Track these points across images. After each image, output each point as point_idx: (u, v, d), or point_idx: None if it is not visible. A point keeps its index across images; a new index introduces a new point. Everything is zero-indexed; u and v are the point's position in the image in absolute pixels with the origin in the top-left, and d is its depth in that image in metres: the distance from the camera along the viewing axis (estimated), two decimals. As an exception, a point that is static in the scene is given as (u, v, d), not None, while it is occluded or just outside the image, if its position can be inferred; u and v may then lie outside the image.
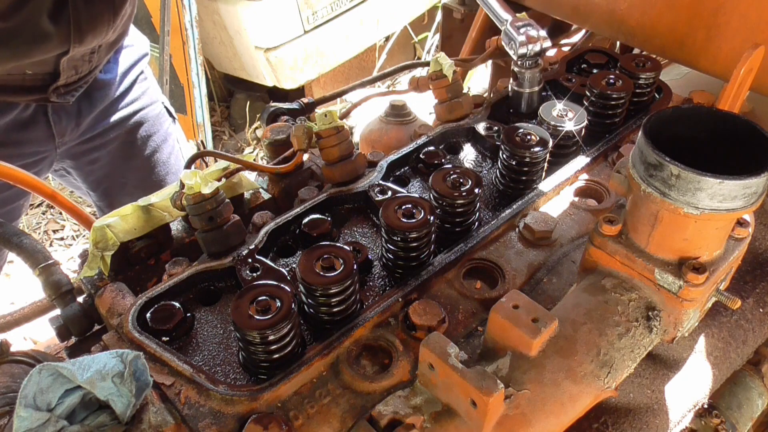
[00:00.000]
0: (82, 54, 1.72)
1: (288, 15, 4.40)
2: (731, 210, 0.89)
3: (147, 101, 2.11)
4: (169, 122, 2.21)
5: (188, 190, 1.13)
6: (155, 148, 2.15)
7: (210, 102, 4.84)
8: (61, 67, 1.68)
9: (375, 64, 5.36)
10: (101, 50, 1.80)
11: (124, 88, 2.03)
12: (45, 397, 0.85)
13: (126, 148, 2.08)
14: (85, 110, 1.92)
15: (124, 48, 2.00)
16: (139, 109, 2.08)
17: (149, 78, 2.14)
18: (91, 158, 2.06)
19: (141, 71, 2.09)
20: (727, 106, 1.45)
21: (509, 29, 1.47)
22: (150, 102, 2.12)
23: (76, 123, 1.92)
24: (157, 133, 2.14)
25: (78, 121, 1.92)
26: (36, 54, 1.60)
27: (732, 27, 1.48)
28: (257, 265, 1.13)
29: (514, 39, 1.46)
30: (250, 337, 0.94)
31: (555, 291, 1.16)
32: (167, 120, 2.19)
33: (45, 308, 1.27)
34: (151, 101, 2.13)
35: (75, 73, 1.75)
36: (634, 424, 1.14)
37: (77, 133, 1.96)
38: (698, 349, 1.25)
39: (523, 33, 1.45)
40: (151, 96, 2.13)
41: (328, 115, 1.27)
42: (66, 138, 1.93)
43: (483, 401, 0.85)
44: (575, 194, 1.35)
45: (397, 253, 1.12)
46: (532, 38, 1.45)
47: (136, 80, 2.07)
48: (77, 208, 1.41)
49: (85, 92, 1.88)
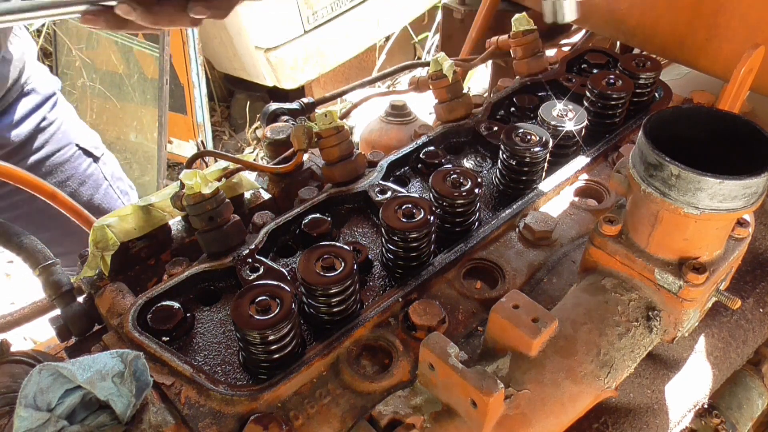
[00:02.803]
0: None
1: (288, 15, 4.40)
2: (731, 210, 0.89)
3: (53, 148, 1.97)
4: (88, 162, 2.06)
5: (188, 190, 1.13)
6: (72, 193, 1.99)
7: (210, 102, 4.84)
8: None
9: (375, 64, 5.36)
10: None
11: (21, 139, 1.88)
12: (45, 397, 0.85)
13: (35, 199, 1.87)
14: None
15: (22, 97, 1.87)
16: (44, 158, 1.94)
17: (57, 120, 1.99)
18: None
19: (43, 117, 1.94)
20: (727, 106, 1.45)
21: None
22: (58, 147, 1.98)
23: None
24: (71, 178, 2.01)
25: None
26: None
27: (732, 27, 1.48)
28: (257, 265, 1.13)
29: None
30: (250, 337, 0.94)
31: (555, 291, 1.16)
32: (84, 161, 2.06)
33: (45, 308, 1.27)
34: (60, 146, 1.99)
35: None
36: (634, 424, 1.14)
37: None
38: (698, 349, 1.25)
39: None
40: (60, 141, 1.99)
41: (328, 115, 1.27)
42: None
43: (483, 401, 0.85)
44: (575, 194, 1.35)
45: (397, 253, 1.12)
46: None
47: (37, 128, 1.92)
48: (77, 208, 1.41)
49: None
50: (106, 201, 2.13)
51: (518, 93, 1.56)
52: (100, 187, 2.11)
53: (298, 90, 4.81)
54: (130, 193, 2.27)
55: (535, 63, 1.60)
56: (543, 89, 1.58)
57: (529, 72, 1.60)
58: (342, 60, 4.91)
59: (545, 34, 2.06)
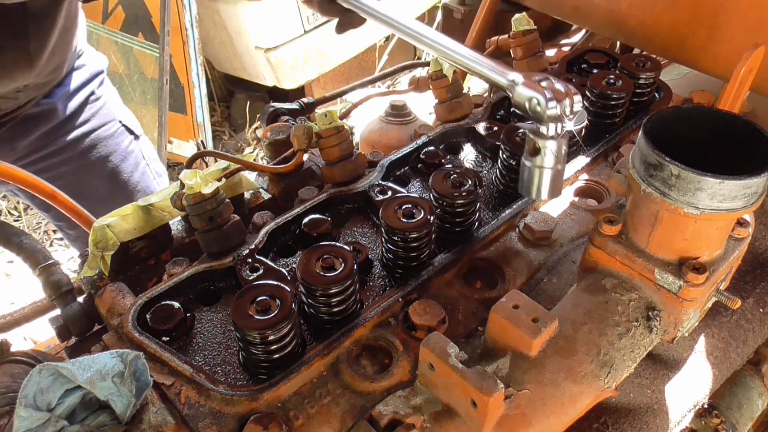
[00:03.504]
0: (3, 93, 1.66)
1: (288, 15, 4.40)
2: (731, 210, 0.89)
3: (99, 121, 2.04)
4: (130, 140, 2.13)
5: (188, 190, 1.13)
6: (114, 168, 2.08)
7: (210, 102, 4.84)
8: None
9: (375, 64, 5.36)
10: (29, 89, 1.73)
11: (71, 111, 1.96)
12: (45, 397, 0.85)
13: (80, 171, 2.01)
14: (21, 135, 1.85)
15: (74, 70, 1.94)
16: (90, 131, 2.01)
17: (104, 96, 2.07)
18: None
19: (92, 92, 2.02)
20: (727, 106, 1.45)
21: (524, 88, 1.03)
22: (103, 122, 2.05)
23: (10, 148, 1.86)
24: (114, 153, 2.07)
25: (12, 145, 1.86)
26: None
27: (732, 27, 1.48)
28: (257, 265, 1.13)
29: (539, 97, 1.01)
30: (250, 337, 0.94)
31: (555, 291, 1.16)
32: (126, 138, 2.12)
33: (45, 308, 1.27)
34: (105, 121, 2.05)
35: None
36: (634, 424, 1.14)
37: (12, 158, 1.89)
38: (698, 349, 1.25)
39: (548, 88, 1.02)
40: (105, 116, 2.06)
41: (328, 115, 1.27)
42: None
43: (483, 401, 0.85)
44: (575, 194, 1.35)
45: (397, 253, 1.12)
46: (559, 92, 1.02)
47: (86, 101, 2.00)
48: (77, 208, 1.41)
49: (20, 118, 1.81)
50: (144, 180, 2.17)
51: (518, 93, 1.56)
52: (138, 165, 2.16)
53: (298, 90, 4.81)
54: (164, 176, 2.31)
55: (535, 63, 1.60)
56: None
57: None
58: (342, 60, 4.92)
59: (545, 34, 2.06)
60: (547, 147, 1.03)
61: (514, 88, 1.05)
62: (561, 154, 1.05)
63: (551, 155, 1.05)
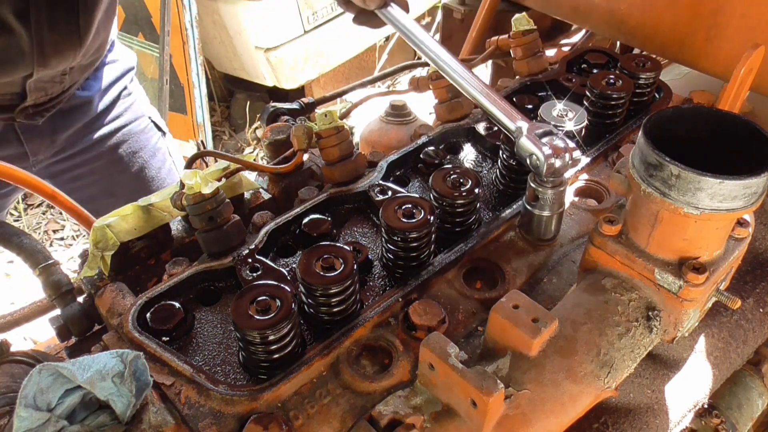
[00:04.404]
0: (51, 76, 1.67)
1: (288, 15, 4.40)
2: (731, 210, 0.89)
3: (131, 117, 2.06)
4: (158, 136, 2.16)
5: (188, 190, 1.13)
6: (143, 164, 2.10)
7: (210, 102, 4.85)
8: (28, 89, 1.64)
9: (375, 64, 5.36)
10: (74, 72, 1.75)
11: (105, 105, 1.98)
12: (45, 397, 0.85)
13: (111, 166, 2.04)
14: (61, 128, 1.88)
15: (106, 64, 1.95)
16: (122, 126, 2.03)
17: (134, 92, 2.10)
18: (71, 176, 2.02)
19: (124, 87, 2.04)
20: (727, 106, 1.45)
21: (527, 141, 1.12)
22: (134, 117, 2.07)
23: (51, 140, 1.88)
24: (144, 149, 2.10)
25: (53, 138, 1.88)
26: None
27: (732, 27, 1.48)
28: (257, 265, 1.13)
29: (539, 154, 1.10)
30: (250, 337, 0.94)
31: (555, 291, 1.16)
32: (155, 134, 2.15)
33: (45, 308, 1.27)
34: (136, 117, 2.08)
35: (44, 94, 1.71)
36: (634, 424, 1.14)
37: (52, 151, 1.92)
38: (698, 349, 1.25)
39: (548, 143, 1.11)
40: (136, 111, 2.08)
41: (328, 115, 1.27)
42: (41, 156, 1.89)
43: (483, 401, 0.85)
44: (575, 194, 1.35)
45: (397, 253, 1.12)
46: (558, 149, 1.10)
47: (119, 96, 2.02)
48: (77, 208, 1.41)
49: (61, 110, 1.84)
50: (170, 177, 2.18)
51: (518, 93, 1.56)
52: (165, 161, 2.18)
53: (298, 90, 4.81)
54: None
55: (535, 63, 1.60)
56: (543, 89, 1.58)
57: (529, 72, 1.60)
58: (342, 60, 4.92)
59: (545, 34, 2.06)
60: (546, 195, 1.13)
61: (518, 137, 1.14)
62: (561, 199, 1.16)
63: (550, 203, 1.14)
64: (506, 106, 1.21)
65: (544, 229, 1.19)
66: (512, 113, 1.19)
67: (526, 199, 1.17)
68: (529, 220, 1.19)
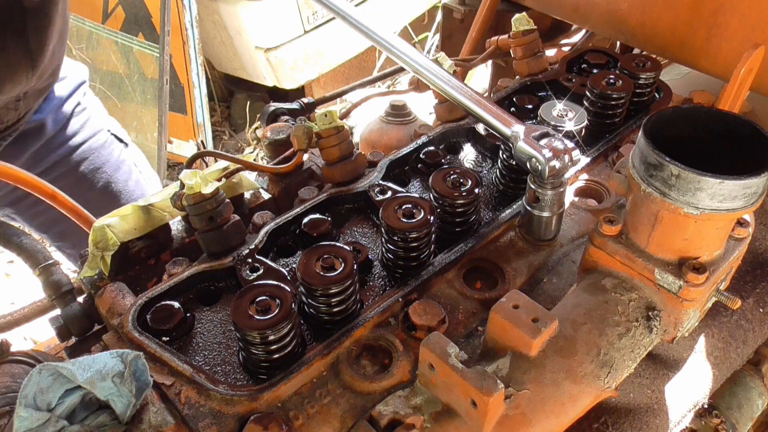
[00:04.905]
0: (5, 102, 1.62)
1: (288, 15, 4.40)
2: (731, 210, 0.89)
3: (89, 133, 1.99)
4: (120, 149, 2.09)
5: (188, 190, 1.13)
6: (108, 179, 2.04)
7: (210, 102, 4.85)
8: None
9: (375, 64, 5.37)
10: (28, 97, 1.69)
11: (59, 125, 1.91)
12: (45, 397, 0.85)
13: (74, 186, 1.93)
14: (16, 154, 1.81)
15: (56, 82, 1.88)
16: (80, 143, 1.97)
17: (89, 107, 2.02)
18: (32, 201, 1.87)
19: (77, 103, 1.97)
20: (727, 106, 1.45)
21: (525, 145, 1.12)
22: (93, 133, 2.01)
23: None
24: (106, 164, 2.03)
25: None
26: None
27: (732, 27, 1.48)
28: (257, 265, 1.13)
29: (538, 157, 1.10)
30: (250, 337, 0.94)
31: (555, 291, 1.16)
32: (117, 147, 2.08)
33: (45, 308, 1.27)
34: (94, 132, 2.01)
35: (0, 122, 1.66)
36: (634, 424, 1.14)
37: None
38: (698, 349, 1.25)
39: (546, 146, 1.11)
40: (93, 126, 2.01)
41: (328, 115, 1.27)
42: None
43: (483, 401, 0.85)
44: (575, 194, 1.35)
45: (397, 253, 1.12)
46: (558, 150, 1.10)
47: (72, 114, 1.95)
48: (77, 208, 1.41)
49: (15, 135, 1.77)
50: (139, 189, 2.13)
51: (518, 93, 1.57)
52: (131, 173, 2.12)
53: (298, 90, 4.81)
54: (157, 182, 2.27)
55: (535, 63, 1.60)
56: (543, 89, 1.58)
57: (529, 72, 1.60)
58: (342, 60, 4.92)
59: (545, 34, 2.06)
60: (546, 196, 1.14)
61: (515, 141, 1.14)
62: (561, 199, 1.16)
63: (550, 203, 1.15)
64: (500, 112, 1.21)
65: (544, 229, 1.20)
66: (506, 119, 1.19)
67: (526, 199, 1.18)
68: (529, 220, 1.19)
